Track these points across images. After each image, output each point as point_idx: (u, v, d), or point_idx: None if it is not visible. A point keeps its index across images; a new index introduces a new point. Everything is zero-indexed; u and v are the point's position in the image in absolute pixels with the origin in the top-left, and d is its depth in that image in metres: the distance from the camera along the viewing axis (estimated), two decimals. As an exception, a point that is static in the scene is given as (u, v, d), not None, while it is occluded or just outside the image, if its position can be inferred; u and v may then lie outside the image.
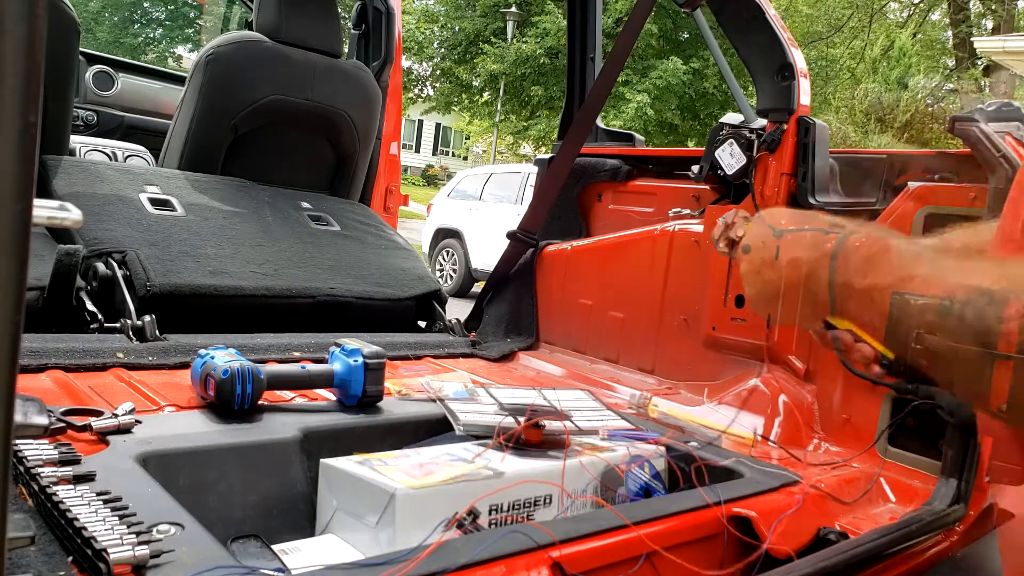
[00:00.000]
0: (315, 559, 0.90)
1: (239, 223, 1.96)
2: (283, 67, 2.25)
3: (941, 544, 1.19)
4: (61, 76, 1.97)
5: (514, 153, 22.98)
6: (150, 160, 2.62)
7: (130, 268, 1.61)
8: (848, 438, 1.48)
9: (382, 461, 1.01)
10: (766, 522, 1.05)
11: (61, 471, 0.83)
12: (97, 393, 1.17)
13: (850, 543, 1.04)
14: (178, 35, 26.44)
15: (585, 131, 2.09)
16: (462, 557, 0.80)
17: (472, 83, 18.55)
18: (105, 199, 1.82)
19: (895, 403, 1.44)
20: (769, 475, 1.20)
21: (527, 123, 18.15)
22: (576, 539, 0.89)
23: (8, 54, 0.27)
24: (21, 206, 0.28)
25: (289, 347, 1.56)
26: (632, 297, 1.91)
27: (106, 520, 0.73)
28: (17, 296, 0.29)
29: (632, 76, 15.61)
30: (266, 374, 1.20)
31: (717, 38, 2.06)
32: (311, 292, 1.85)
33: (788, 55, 1.69)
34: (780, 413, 1.53)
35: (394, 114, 2.83)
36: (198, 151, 2.23)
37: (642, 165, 2.13)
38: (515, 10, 17.22)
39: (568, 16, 2.38)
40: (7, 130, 0.27)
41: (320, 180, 2.49)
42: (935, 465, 1.34)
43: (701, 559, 1.04)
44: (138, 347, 1.41)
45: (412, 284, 2.08)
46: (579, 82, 2.33)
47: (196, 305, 1.66)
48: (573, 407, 1.31)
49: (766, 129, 1.71)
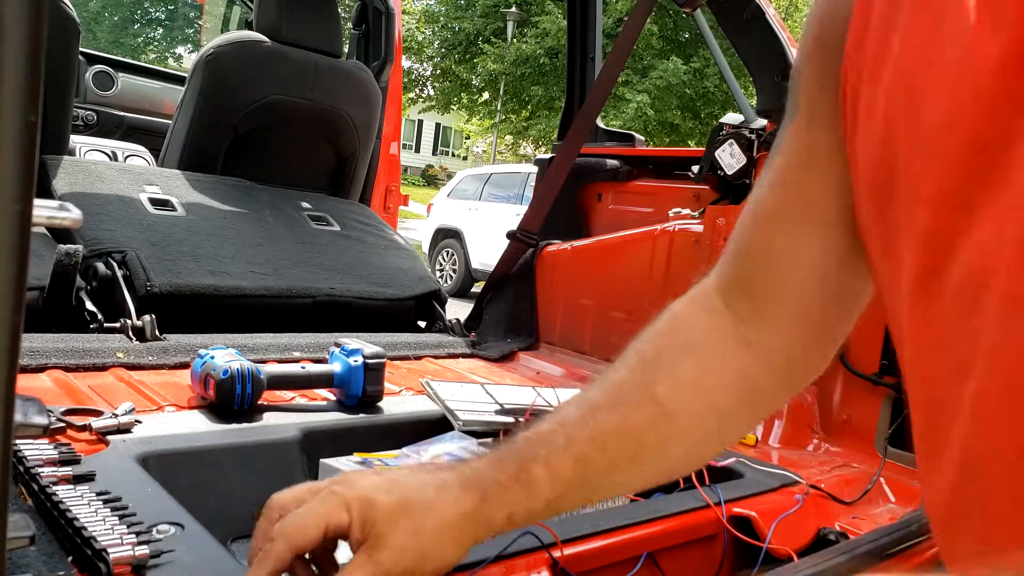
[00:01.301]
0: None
1: (239, 223, 1.96)
2: (283, 67, 2.25)
3: (941, 544, 1.19)
4: (61, 76, 1.97)
5: (514, 153, 22.98)
6: (150, 160, 2.63)
7: (130, 268, 1.61)
8: (848, 438, 1.48)
9: (382, 461, 1.01)
10: (766, 522, 1.05)
11: (61, 471, 0.83)
12: (97, 393, 1.17)
13: (850, 543, 1.04)
14: (178, 35, 26.44)
15: (585, 131, 2.09)
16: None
17: (472, 82, 18.55)
18: (105, 199, 1.82)
19: (895, 403, 1.44)
20: (769, 475, 1.20)
21: (527, 123, 18.15)
22: (576, 539, 0.89)
23: (8, 54, 0.27)
24: (21, 206, 0.28)
25: (289, 347, 1.56)
26: (632, 297, 1.91)
27: (106, 520, 0.73)
28: (17, 296, 0.29)
29: (632, 76, 15.61)
30: (266, 374, 1.20)
31: (717, 38, 2.06)
32: (311, 292, 1.85)
33: (788, 55, 1.69)
34: (780, 413, 1.53)
35: (394, 114, 2.83)
36: (198, 151, 2.23)
37: (642, 165, 2.13)
38: (515, 10, 17.22)
39: (568, 16, 2.38)
40: (7, 130, 0.27)
41: (320, 180, 2.49)
42: (935, 465, 1.34)
43: (701, 559, 1.04)
44: (138, 347, 1.41)
45: (412, 284, 2.08)
46: (579, 82, 2.33)
47: (196, 305, 1.66)
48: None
49: (766, 129, 1.71)
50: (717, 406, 0.65)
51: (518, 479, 0.62)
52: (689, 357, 0.66)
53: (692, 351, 0.66)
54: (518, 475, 0.62)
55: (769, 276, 0.63)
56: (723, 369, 0.65)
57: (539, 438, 0.64)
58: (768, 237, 0.63)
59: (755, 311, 0.64)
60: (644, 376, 0.65)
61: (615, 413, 0.64)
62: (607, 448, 0.63)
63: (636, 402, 0.64)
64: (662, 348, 0.67)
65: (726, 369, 0.65)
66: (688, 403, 0.65)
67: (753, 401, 0.67)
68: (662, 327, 0.69)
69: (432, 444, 1.15)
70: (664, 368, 0.65)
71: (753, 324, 0.64)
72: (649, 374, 0.65)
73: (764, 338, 0.64)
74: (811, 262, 0.60)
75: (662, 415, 0.64)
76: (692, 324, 0.68)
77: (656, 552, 0.98)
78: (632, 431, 0.64)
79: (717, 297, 0.67)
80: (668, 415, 0.64)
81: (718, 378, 0.65)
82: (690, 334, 0.67)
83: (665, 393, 0.64)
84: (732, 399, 0.66)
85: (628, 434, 0.64)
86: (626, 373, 0.66)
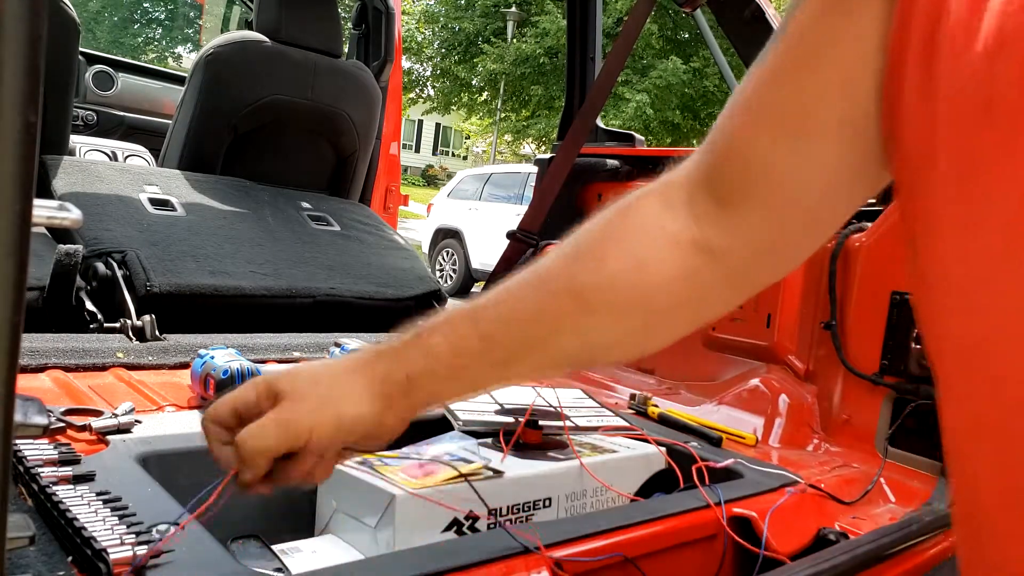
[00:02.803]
0: (315, 559, 0.90)
1: (239, 223, 1.96)
2: (283, 67, 2.25)
3: (941, 544, 1.19)
4: (61, 76, 1.97)
5: (514, 153, 22.98)
6: (150, 160, 2.63)
7: (130, 268, 1.61)
8: (848, 438, 1.48)
9: (382, 461, 1.01)
10: (766, 522, 1.05)
11: (61, 471, 0.83)
12: (97, 393, 1.17)
13: (850, 543, 1.04)
14: (178, 35, 26.43)
15: (585, 131, 2.09)
16: (462, 558, 0.80)
17: (472, 82, 18.56)
18: (105, 199, 1.82)
19: (895, 403, 1.44)
20: (769, 475, 1.20)
21: (527, 123, 18.16)
22: (576, 539, 0.89)
23: (8, 54, 0.27)
24: (21, 206, 0.28)
25: (289, 347, 1.56)
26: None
27: (106, 520, 0.73)
28: (17, 296, 0.29)
29: (632, 76, 15.61)
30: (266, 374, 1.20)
31: (717, 38, 2.06)
32: (311, 292, 1.85)
33: (788, 55, 1.69)
34: (780, 413, 1.53)
35: (394, 114, 2.83)
36: (198, 151, 2.23)
37: (642, 165, 2.12)
38: (515, 10, 17.22)
39: (568, 16, 2.38)
40: (7, 130, 0.27)
41: (320, 180, 2.49)
42: (935, 465, 1.34)
43: (701, 559, 1.04)
44: (138, 347, 1.41)
45: (412, 284, 2.08)
46: (579, 82, 2.33)
47: (196, 305, 1.66)
48: (570, 406, 1.31)
49: (766, 129, 1.71)
50: (648, 305, 0.62)
51: (415, 343, 0.64)
52: (624, 250, 0.62)
53: (630, 244, 0.62)
54: (415, 340, 0.65)
55: (743, 175, 0.58)
56: (663, 267, 0.61)
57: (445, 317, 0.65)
58: (751, 134, 0.58)
59: (719, 208, 0.60)
60: (572, 266, 0.63)
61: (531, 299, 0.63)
62: (515, 331, 0.63)
63: (554, 291, 0.63)
64: (600, 238, 0.64)
65: (666, 267, 0.61)
66: (612, 297, 0.62)
67: (697, 303, 0.63)
68: (609, 215, 0.65)
69: (432, 444, 1.15)
70: (594, 258, 0.63)
71: (713, 222, 0.60)
72: (578, 264, 0.63)
73: (722, 238, 0.60)
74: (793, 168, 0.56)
75: (581, 307, 0.62)
76: (641, 215, 0.63)
77: (656, 552, 0.97)
78: (545, 318, 0.63)
79: (681, 190, 0.62)
80: (587, 307, 0.62)
81: (655, 276, 0.61)
82: (634, 226, 0.63)
83: (588, 284, 0.62)
84: (669, 300, 0.62)
85: (540, 320, 0.63)
86: (556, 260, 0.65)
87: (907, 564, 1.10)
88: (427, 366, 0.63)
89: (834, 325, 1.53)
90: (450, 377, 0.64)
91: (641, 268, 0.61)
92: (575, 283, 0.62)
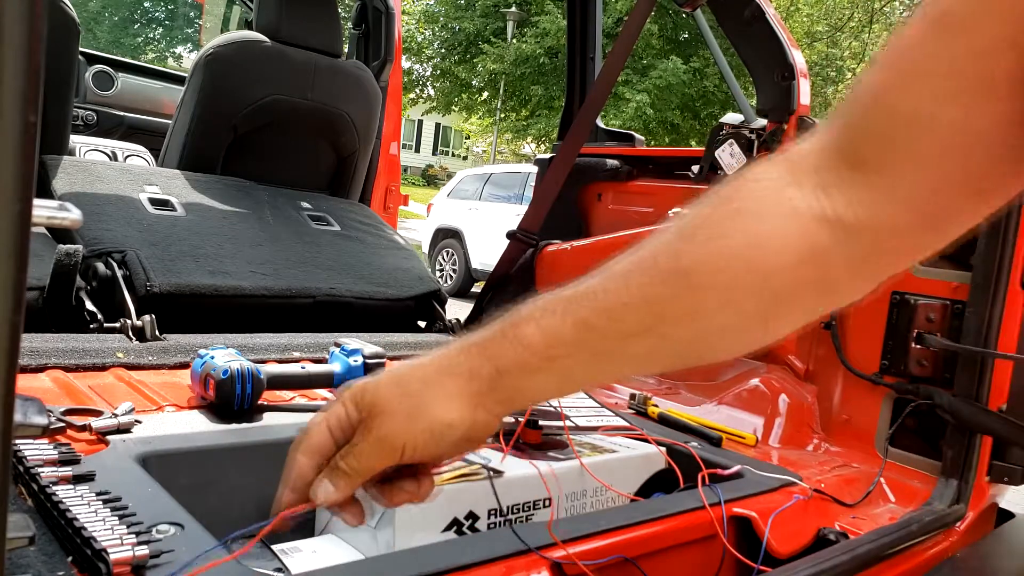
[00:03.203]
0: (315, 559, 0.89)
1: (239, 223, 1.96)
2: (283, 67, 2.25)
3: (941, 544, 1.19)
4: (61, 76, 1.97)
5: (514, 153, 22.99)
6: (150, 160, 2.63)
7: (130, 268, 1.61)
8: (848, 438, 1.48)
9: (382, 461, 1.01)
10: (766, 522, 1.05)
11: (61, 471, 0.83)
12: (97, 393, 1.17)
13: (850, 543, 1.04)
14: (178, 35, 26.44)
15: (585, 131, 2.09)
16: (462, 558, 0.80)
17: (472, 82, 18.56)
18: (105, 199, 1.82)
19: (895, 403, 1.44)
20: (769, 475, 1.20)
21: (527, 123, 18.16)
22: (576, 539, 0.89)
23: (8, 54, 0.27)
24: (21, 206, 0.28)
25: (289, 347, 1.56)
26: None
27: (106, 520, 0.73)
28: (17, 296, 0.29)
29: (632, 76, 15.62)
30: (266, 374, 1.20)
31: (717, 38, 2.06)
32: (311, 292, 1.85)
33: (788, 55, 1.69)
34: (780, 413, 1.53)
35: (394, 114, 2.83)
36: (198, 151, 2.23)
37: (642, 165, 2.13)
38: (515, 10, 17.23)
39: (568, 16, 2.38)
40: (7, 130, 0.27)
41: (320, 180, 2.49)
42: (935, 465, 1.34)
43: (701, 560, 1.04)
44: (138, 347, 1.41)
45: (412, 284, 2.08)
46: (579, 82, 2.34)
47: (196, 305, 1.66)
48: (570, 406, 1.31)
49: (766, 129, 1.71)
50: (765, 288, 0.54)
51: (504, 335, 0.59)
52: (740, 226, 0.55)
53: (747, 219, 0.55)
54: (504, 332, 0.59)
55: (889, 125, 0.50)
56: (784, 245, 0.53)
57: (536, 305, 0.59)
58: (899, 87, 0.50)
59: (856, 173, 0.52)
60: (679, 244, 0.56)
61: (634, 282, 0.56)
62: (616, 317, 0.56)
63: (660, 272, 0.56)
64: (711, 214, 0.57)
65: (789, 245, 0.53)
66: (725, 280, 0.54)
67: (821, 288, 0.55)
68: (722, 190, 0.57)
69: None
70: (707, 236, 0.56)
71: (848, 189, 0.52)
72: (686, 242, 0.56)
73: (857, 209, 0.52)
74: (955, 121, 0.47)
75: (689, 289, 0.55)
76: (760, 188, 0.55)
77: (656, 552, 0.97)
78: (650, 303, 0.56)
79: (807, 159, 0.55)
80: (697, 289, 0.55)
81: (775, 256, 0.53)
82: (752, 199, 0.55)
83: (698, 263, 0.55)
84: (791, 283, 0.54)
85: (644, 306, 0.56)
86: (660, 240, 0.58)
87: (907, 564, 1.10)
88: (518, 358, 0.58)
89: (834, 325, 1.53)
90: (543, 370, 0.58)
91: (759, 245, 0.54)
92: (683, 262, 0.55)
